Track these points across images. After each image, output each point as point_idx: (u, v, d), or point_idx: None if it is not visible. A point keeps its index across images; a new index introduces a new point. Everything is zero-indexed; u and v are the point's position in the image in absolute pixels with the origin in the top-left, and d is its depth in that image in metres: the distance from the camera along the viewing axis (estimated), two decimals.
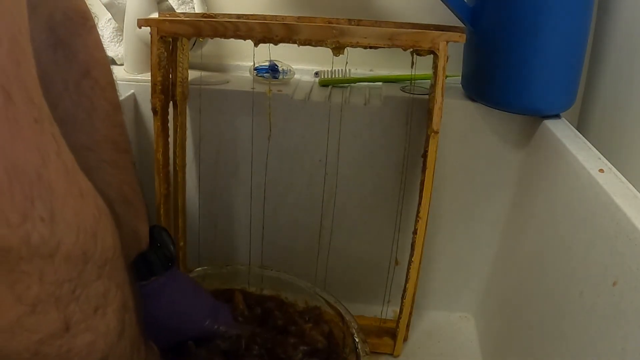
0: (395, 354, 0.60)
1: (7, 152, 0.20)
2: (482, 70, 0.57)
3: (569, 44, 0.53)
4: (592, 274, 0.39)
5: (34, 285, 0.22)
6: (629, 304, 0.34)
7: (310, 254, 0.65)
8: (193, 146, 0.63)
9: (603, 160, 0.46)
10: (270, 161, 0.62)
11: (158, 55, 0.52)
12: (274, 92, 0.60)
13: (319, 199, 0.63)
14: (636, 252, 0.34)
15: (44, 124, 0.22)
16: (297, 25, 0.49)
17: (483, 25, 0.55)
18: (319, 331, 0.51)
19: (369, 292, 0.66)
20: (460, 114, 0.59)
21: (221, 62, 0.72)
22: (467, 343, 0.64)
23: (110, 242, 0.27)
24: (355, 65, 0.67)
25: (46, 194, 0.22)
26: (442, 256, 0.66)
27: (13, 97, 0.20)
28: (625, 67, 0.58)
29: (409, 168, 0.61)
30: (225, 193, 0.66)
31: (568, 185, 0.47)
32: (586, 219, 0.43)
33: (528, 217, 0.56)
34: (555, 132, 0.53)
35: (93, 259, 0.26)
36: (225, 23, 0.49)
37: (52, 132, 0.23)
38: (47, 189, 0.22)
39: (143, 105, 0.63)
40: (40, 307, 0.23)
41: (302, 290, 0.56)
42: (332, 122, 0.60)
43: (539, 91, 0.54)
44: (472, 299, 0.67)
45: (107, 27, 0.70)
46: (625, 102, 0.57)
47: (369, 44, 0.49)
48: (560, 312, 0.44)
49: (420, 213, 0.53)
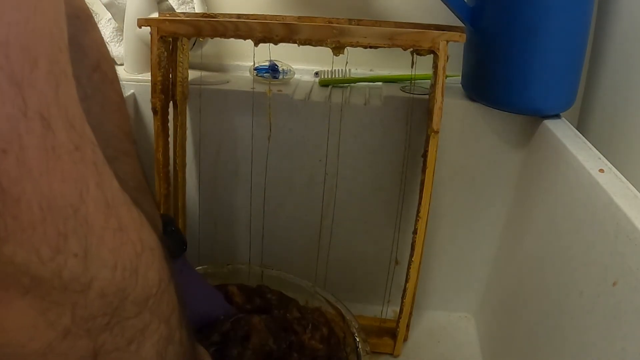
0: (395, 354, 0.60)
1: (43, 187, 0.19)
2: (482, 70, 0.57)
3: (569, 44, 0.53)
4: (592, 274, 0.40)
5: (66, 314, 0.22)
6: (629, 304, 0.34)
7: (311, 253, 0.65)
8: (193, 146, 0.63)
9: (603, 160, 0.46)
10: (270, 161, 0.62)
11: (158, 55, 0.52)
12: (274, 92, 0.60)
13: (319, 199, 0.63)
14: (636, 252, 0.34)
15: (85, 152, 0.21)
16: (297, 25, 0.49)
17: (483, 25, 0.55)
18: (319, 336, 0.51)
19: (369, 292, 0.66)
20: (460, 114, 0.59)
21: (221, 62, 0.72)
22: (467, 343, 0.64)
23: (154, 277, 0.26)
24: (355, 65, 0.67)
25: (81, 229, 0.21)
26: (442, 256, 0.66)
27: (52, 124, 0.19)
28: (625, 67, 0.58)
29: (409, 168, 0.61)
30: (225, 193, 0.66)
31: (568, 185, 0.47)
32: (586, 219, 0.43)
33: (528, 217, 0.56)
34: (555, 132, 0.53)
35: (132, 296, 0.24)
36: (225, 23, 0.49)
37: (94, 160, 0.22)
38: (83, 224, 0.21)
39: (143, 105, 0.63)
40: (71, 334, 0.23)
41: (302, 289, 0.56)
42: (332, 122, 0.60)
43: (539, 91, 0.54)
44: (472, 299, 0.67)
45: (107, 27, 0.70)
46: (625, 102, 0.57)
47: (369, 43, 0.49)
48: (560, 312, 0.44)
49: (420, 213, 0.53)
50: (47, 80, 0.19)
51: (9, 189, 0.18)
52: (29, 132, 0.18)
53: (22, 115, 0.18)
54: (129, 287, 0.24)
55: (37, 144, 0.18)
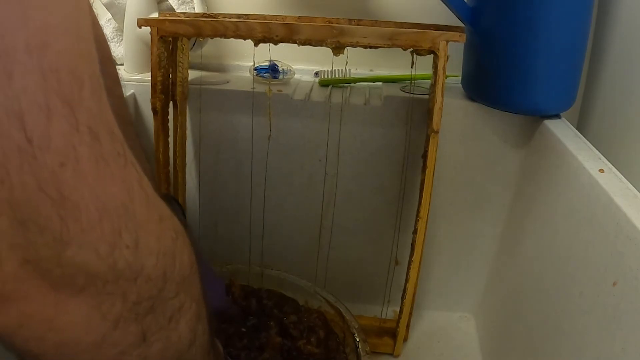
0: (395, 354, 0.60)
1: (99, 193, 0.21)
2: (482, 70, 0.57)
3: (569, 44, 0.53)
4: (592, 274, 0.40)
5: (117, 303, 0.24)
6: (629, 304, 0.34)
7: (311, 253, 0.65)
8: (193, 146, 0.63)
9: (603, 160, 0.46)
10: (270, 161, 0.62)
11: (158, 55, 0.52)
12: (274, 92, 0.60)
13: (319, 199, 0.63)
14: (636, 252, 0.34)
15: (126, 156, 0.23)
16: (297, 25, 0.49)
17: (483, 25, 0.55)
18: (315, 339, 0.52)
19: (369, 292, 0.66)
20: (460, 114, 0.59)
21: (221, 62, 0.72)
22: (467, 343, 0.64)
23: (187, 260, 0.29)
24: (355, 65, 0.67)
25: (132, 224, 0.23)
26: (442, 256, 0.66)
27: (100, 136, 0.21)
28: (625, 67, 0.58)
29: (409, 168, 0.61)
30: (225, 193, 0.65)
31: (568, 185, 0.47)
32: (586, 219, 0.43)
33: (528, 217, 0.56)
34: (555, 132, 0.53)
35: (172, 278, 0.27)
36: (225, 23, 0.49)
37: (132, 161, 0.24)
38: (132, 219, 0.23)
39: (143, 105, 0.63)
40: (122, 322, 0.25)
41: (302, 289, 0.56)
42: (332, 122, 0.60)
43: (539, 91, 0.54)
44: (472, 299, 0.67)
45: (107, 27, 0.70)
46: (625, 102, 0.57)
47: (369, 43, 0.49)
48: (560, 312, 0.44)
49: (420, 213, 0.53)
50: (91, 96, 0.21)
51: (69, 196, 0.20)
52: (82, 144, 0.20)
53: (75, 130, 0.20)
54: (168, 270, 0.26)
55: (89, 154, 0.21)
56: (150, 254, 0.25)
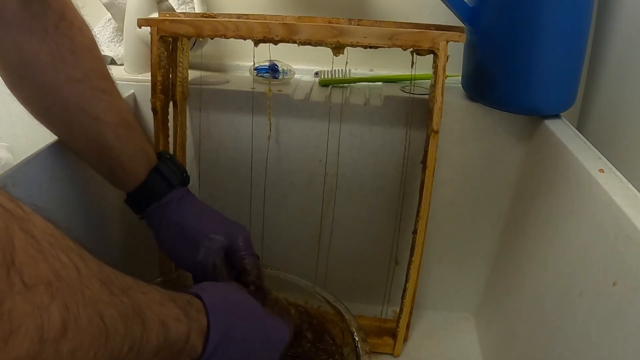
0: (395, 354, 0.60)
1: None
2: (482, 70, 0.57)
3: (569, 44, 0.53)
4: (592, 274, 0.40)
5: None
6: (629, 304, 0.34)
7: (310, 253, 0.65)
8: (193, 146, 0.63)
9: (603, 160, 0.46)
10: (270, 161, 0.62)
11: (158, 55, 0.52)
12: (274, 92, 0.60)
13: (319, 199, 0.63)
14: (636, 252, 0.34)
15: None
16: (297, 25, 0.49)
17: (483, 25, 0.55)
18: (305, 343, 0.52)
19: (369, 292, 0.66)
20: (460, 114, 0.59)
21: (221, 62, 0.72)
22: (467, 343, 0.64)
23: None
24: (355, 65, 0.67)
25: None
26: (442, 256, 0.66)
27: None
28: (625, 67, 0.58)
29: (409, 168, 0.61)
30: (225, 193, 0.65)
31: (568, 185, 0.47)
32: (586, 219, 0.43)
33: (528, 217, 0.56)
34: (555, 132, 0.53)
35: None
36: (225, 23, 0.49)
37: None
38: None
39: (143, 105, 0.63)
40: None
41: (302, 289, 0.56)
42: (332, 122, 0.60)
43: (539, 91, 0.54)
44: (472, 299, 0.67)
45: (107, 27, 0.70)
46: (625, 102, 0.57)
47: (369, 43, 0.49)
48: (560, 312, 0.44)
49: (420, 213, 0.53)
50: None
51: None
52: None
53: None
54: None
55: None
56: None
